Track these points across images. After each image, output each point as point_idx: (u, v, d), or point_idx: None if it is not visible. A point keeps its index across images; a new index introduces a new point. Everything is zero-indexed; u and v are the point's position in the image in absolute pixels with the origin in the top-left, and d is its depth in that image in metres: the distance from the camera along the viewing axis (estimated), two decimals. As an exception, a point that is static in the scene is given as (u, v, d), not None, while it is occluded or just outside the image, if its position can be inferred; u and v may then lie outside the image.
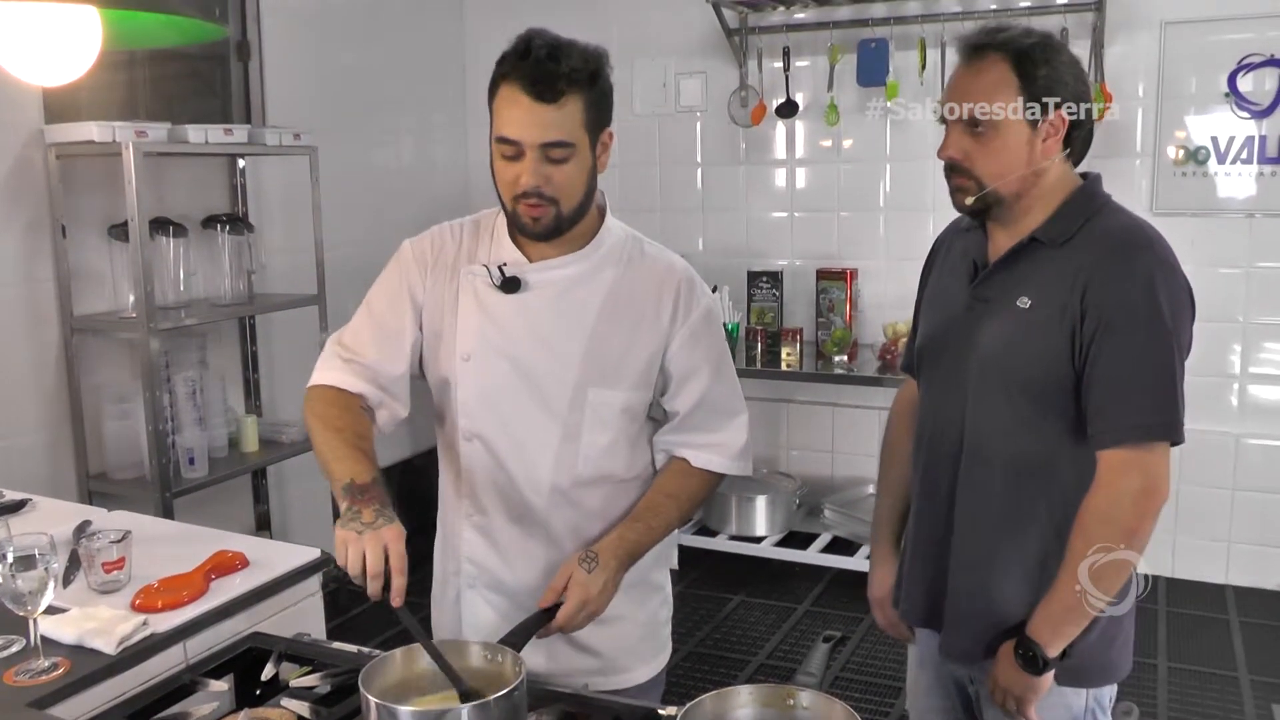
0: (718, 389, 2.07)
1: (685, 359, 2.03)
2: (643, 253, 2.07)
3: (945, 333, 2.09)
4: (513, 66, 1.85)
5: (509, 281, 1.99)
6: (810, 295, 5.13)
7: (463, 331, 2.02)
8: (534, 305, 1.99)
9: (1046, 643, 1.91)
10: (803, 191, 5.35)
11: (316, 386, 2.02)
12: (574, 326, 1.99)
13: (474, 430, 2.04)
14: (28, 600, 1.78)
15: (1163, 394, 1.86)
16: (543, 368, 1.99)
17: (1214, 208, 4.60)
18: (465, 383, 2.02)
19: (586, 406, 2.00)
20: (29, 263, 3.72)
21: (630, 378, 2.01)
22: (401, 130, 5.55)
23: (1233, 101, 4.50)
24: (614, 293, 2.01)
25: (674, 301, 2.03)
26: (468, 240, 2.08)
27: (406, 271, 2.06)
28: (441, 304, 2.04)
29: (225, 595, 2.10)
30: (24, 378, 3.73)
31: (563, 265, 2.00)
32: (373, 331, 2.05)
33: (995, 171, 1.93)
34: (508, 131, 1.86)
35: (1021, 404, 1.94)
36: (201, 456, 4.01)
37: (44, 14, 1.85)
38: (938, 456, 2.07)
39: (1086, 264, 1.88)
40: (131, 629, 1.91)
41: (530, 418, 2.01)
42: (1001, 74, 1.90)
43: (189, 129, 3.83)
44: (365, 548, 1.69)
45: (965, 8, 4.81)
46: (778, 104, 5.19)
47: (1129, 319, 1.85)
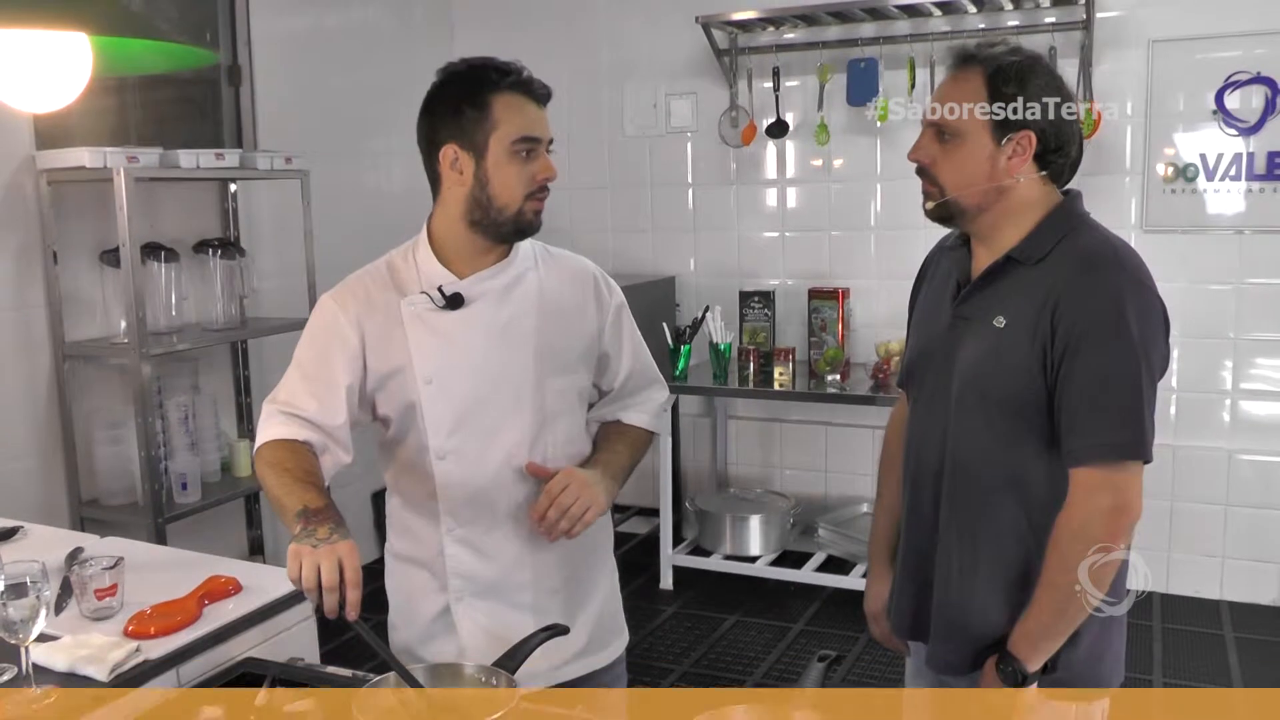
0: (641, 361, 2.29)
1: (613, 340, 2.24)
2: (550, 254, 2.22)
3: (929, 350, 2.10)
4: (506, 79, 2.01)
5: (453, 299, 2.07)
6: (802, 315, 5.14)
7: (419, 358, 2.07)
8: (479, 316, 2.09)
9: (1026, 658, 1.91)
10: (794, 211, 5.36)
11: (264, 444, 2.05)
12: (521, 327, 2.10)
13: (446, 448, 2.09)
14: (19, 628, 1.77)
15: (1131, 413, 1.86)
16: (503, 371, 2.09)
17: (1203, 224, 4.61)
18: (433, 405, 2.08)
19: (548, 396, 2.12)
20: (20, 289, 3.72)
21: (577, 363, 2.17)
22: (392, 153, 5.55)
23: (1220, 119, 4.52)
24: (543, 291, 2.14)
25: (595, 292, 2.22)
26: (394, 280, 2.14)
27: (334, 324, 2.11)
28: (388, 339, 2.09)
29: (218, 621, 2.10)
30: (16, 404, 3.73)
31: (494, 275, 2.10)
32: (307, 386, 2.09)
33: (956, 181, 1.95)
34: (532, 130, 2.02)
35: (999, 421, 1.95)
36: (194, 481, 4.01)
37: (34, 41, 1.85)
38: (922, 471, 2.08)
39: (1058, 282, 1.89)
40: (124, 655, 1.90)
41: (501, 421, 2.09)
42: (974, 85, 1.93)
43: (180, 154, 3.83)
44: (320, 561, 1.71)
45: (953, 27, 4.83)
46: (768, 124, 5.21)
47: (1098, 337, 1.85)
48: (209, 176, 4.11)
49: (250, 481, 4.31)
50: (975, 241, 2.03)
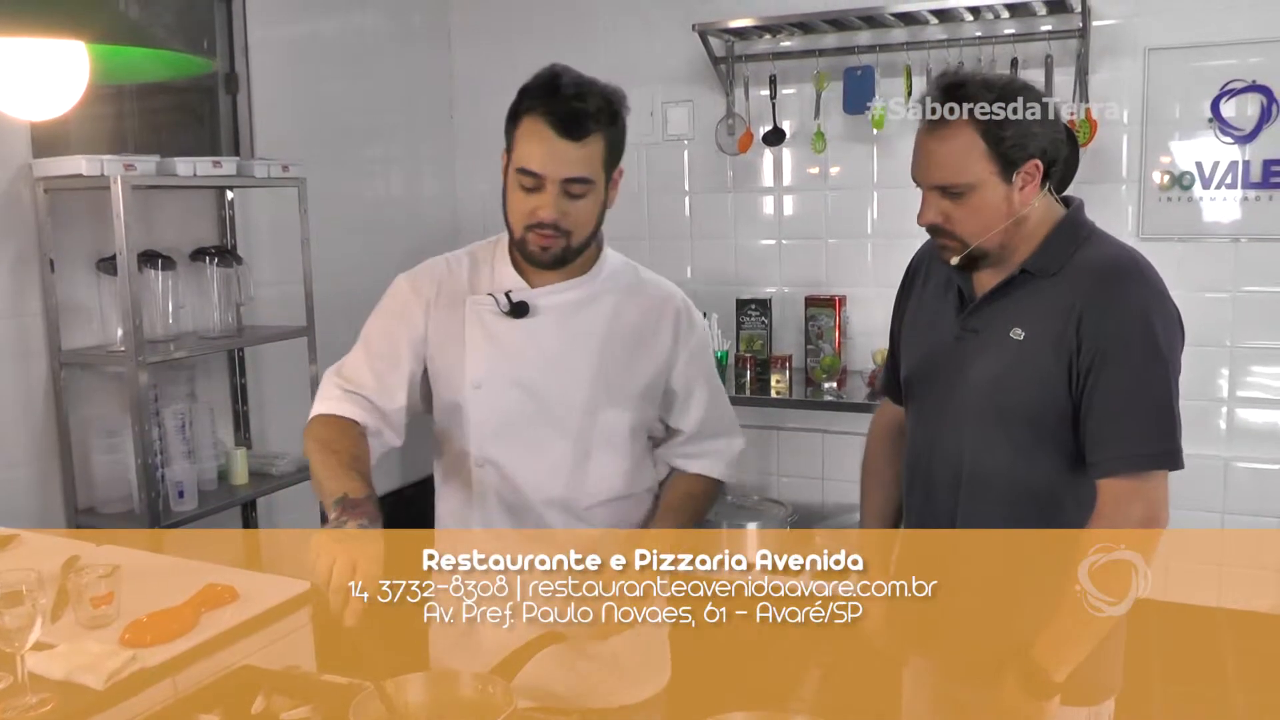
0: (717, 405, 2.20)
1: (688, 380, 2.14)
2: (640, 279, 2.14)
3: (934, 362, 2.09)
4: (540, 101, 1.93)
5: (517, 307, 2.02)
6: (799, 322, 5.13)
7: (472, 361, 2.04)
8: (542, 329, 2.03)
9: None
10: (790, 219, 5.36)
11: (317, 416, 2.04)
12: (582, 349, 2.04)
13: (486, 456, 2.06)
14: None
15: (1161, 422, 1.87)
16: (553, 391, 2.03)
17: (1200, 232, 4.61)
18: (477, 410, 2.05)
19: (597, 427, 2.05)
20: (17, 297, 3.71)
21: (637, 397, 2.08)
22: (390, 161, 5.55)
23: (1216, 127, 4.52)
24: (617, 316, 2.07)
25: (674, 326, 2.12)
26: (466, 272, 2.10)
27: (404, 306, 2.09)
28: (446, 336, 2.06)
29: (215, 629, 2.10)
30: (11, 412, 3.72)
31: (567, 289, 2.05)
32: (370, 365, 2.06)
33: (977, 230, 1.94)
34: (531, 164, 1.92)
35: (1020, 435, 1.95)
36: (191, 489, 3.99)
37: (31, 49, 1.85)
38: (936, 486, 2.07)
39: (1080, 295, 1.89)
40: (120, 664, 1.90)
41: (543, 440, 2.04)
42: (968, 141, 1.90)
43: (178, 162, 3.82)
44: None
45: (950, 35, 4.83)
46: (765, 132, 5.20)
47: (1125, 349, 1.86)
48: (206, 184, 4.10)
49: (247, 489, 4.30)
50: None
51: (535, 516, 2.06)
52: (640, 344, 2.08)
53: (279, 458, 4.39)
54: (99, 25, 1.86)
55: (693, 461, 2.20)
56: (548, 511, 2.05)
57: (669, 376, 2.12)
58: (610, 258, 2.14)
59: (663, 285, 2.18)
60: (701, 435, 2.19)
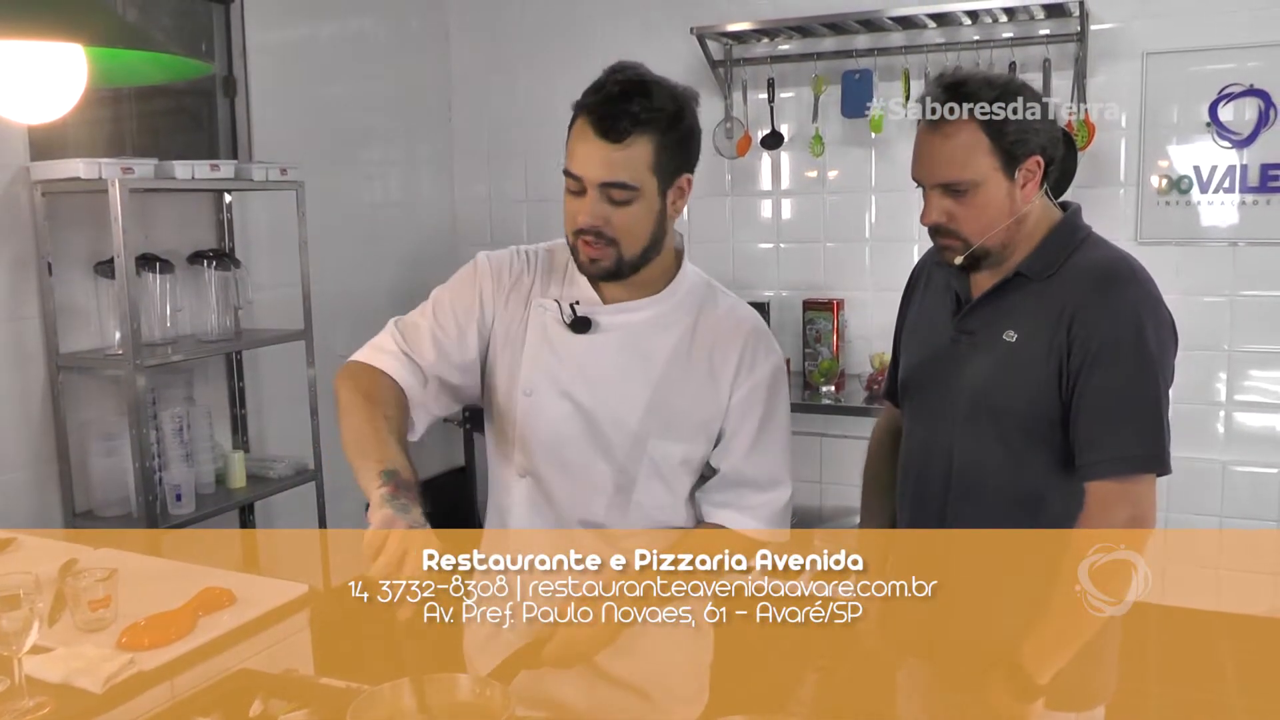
0: (765, 450, 2.00)
1: (740, 415, 1.97)
2: (716, 303, 2.03)
3: (930, 365, 2.10)
4: (588, 99, 1.85)
5: (579, 321, 1.94)
6: (797, 326, 5.13)
7: (527, 366, 1.96)
8: (602, 347, 1.95)
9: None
10: (789, 222, 5.36)
11: (367, 365, 1.94)
12: (641, 374, 1.94)
13: (528, 467, 1.98)
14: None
15: (1150, 426, 1.87)
16: (605, 412, 1.94)
17: (1198, 237, 4.62)
18: (525, 418, 1.96)
19: (645, 457, 1.95)
20: (14, 300, 3.71)
21: (692, 431, 1.96)
22: (388, 165, 5.55)
23: (1214, 131, 4.53)
24: (684, 342, 1.96)
25: (739, 355, 1.97)
26: (542, 271, 2.02)
27: (482, 283, 2.01)
28: (509, 330, 1.99)
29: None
30: (9, 415, 3.72)
31: (636, 309, 1.96)
32: (434, 334, 1.97)
33: (980, 229, 1.94)
34: (573, 166, 1.85)
35: (1010, 437, 1.95)
36: (189, 493, 3.99)
37: (30, 52, 1.85)
38: (926, 488, 2.08)
39: (1072, 298, 1.90)
40: (118, 667, 1.90)
41: (587, 462, 1.95)
42: (971, 137, 1.90)
43: (175, 165, 3.82)
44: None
45: (948, 39, 4.84)
46: (763, 135, 5.20)
47: (1115, 352, 1.86)
48: (204, 188, 4.11)
49: (244, 493, 4.30)
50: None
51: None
52: (704, 375, 1.95)
53: (277, 461, 4.39)
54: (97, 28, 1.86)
55: (718, 511, 1.99)
56: (583, 535, 1.94)
57: (728, 411, 1.97)
58: (689, 274, 2.04)
59: (738, 311, 2.04)
60: (738, 481, 1.99)
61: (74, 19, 1.81)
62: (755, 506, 1.99)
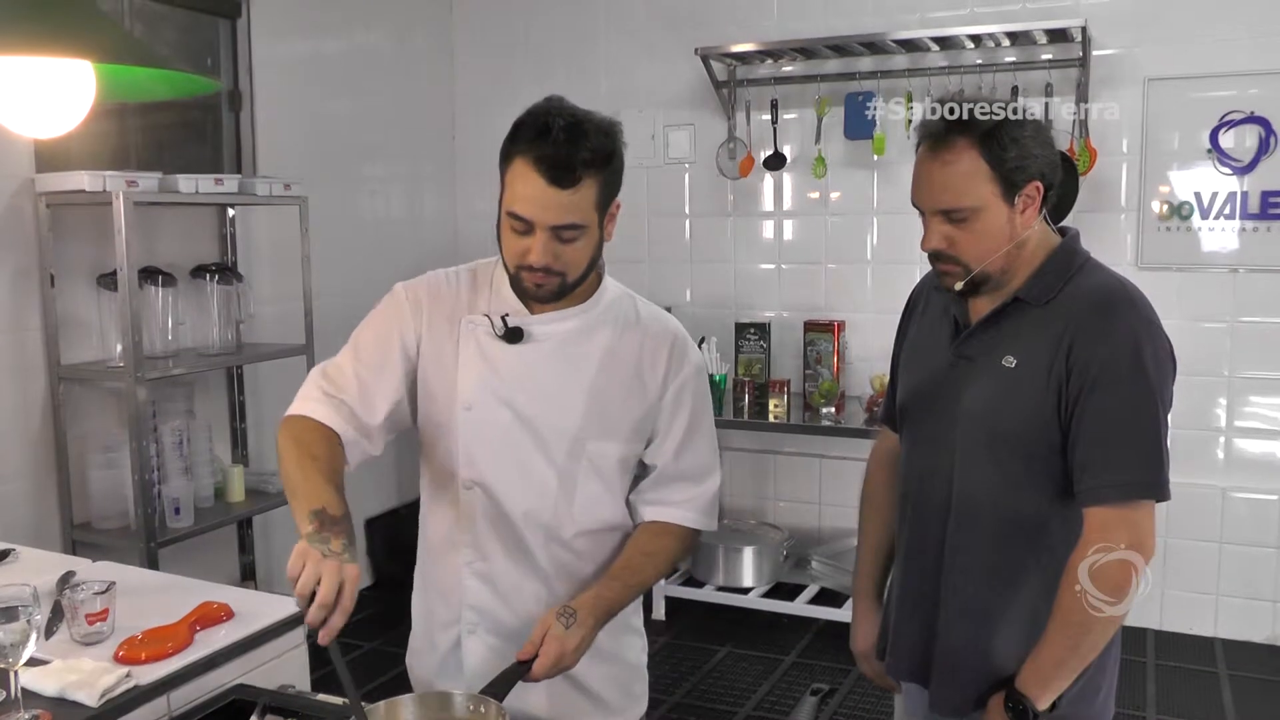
0: (695, 445, 2.09)
1: (670, 413, 2.06)
2: (638, 312, 2.08)
3: (928, 389, 2.09)
4: (529, 145, 1.84)
5: (512, 332, 1.99)
6: (797, 347, 5.15)
7: (464, 381, 2.01)
8: (536, 356, 2.00)
9: (1036, 696, 1.91)
10: (790, 243, 5.38)
11: (296, 415, 2.00)
12: (575, 379, 2.00)
13: (475, 478, 2.02)
14: (9, 652, 1.76)
15: (1149, 452, 1.87)
16: (543, 418, 2.00)
17: (1198, 262, 4.64)
18: (467, 432, 2.01)
19: (584, 457, 2.01)
20: (17, 311, 3.72)
21: (627, 431, 2.03)
22: (391, 180, 5.57)
23: (1215, 158, 4.55)
24: (612, 349, 2.02)
25: (667, 359, 2.05)
26: (465, 290, 2.07)
27: (399, 314, 2.05)
28: (440, 353, 2.03)
29: (210, 647, 2.09)
30: (10, 426, 3.72)
31: (564, 319, 2.01)
32: (357, 371, 2.02)
33: (980, 254, 1.94)
34: (519, 209, 1.86)
35: (1009, 462, 1.95)
36: (187, 506, 4.00)
37: (38, 68, 1.86)
38: (926, 512, 2.07)
39: (1071, 323, 1.90)
40: (114, 681, 1.89)
41: (531, 466, 2.01)
42: (972, 163, 1.90)
43: (180, 179, 3.84)
44: (324, 572, 1.66)
45: (951, 62, 4.86)
46: (766, 156, 5.23)
47: (1114, 378, 1.86)
48: (208, 201, 4.12)
49: (243, 507, 4.30)
50: None
51: (520, 539, 2.02)
52: (634, 378, 2.03)
53: (276, 475, 4.39)
54: (105, 45, 1.86)
55: (658, 509, 2.09)
56: (533, 536, 2.02)
57: (659, 411, 2.05)
58: (609, 288, 2.08)
59: (660, 318, 2.11)
60: (671, 476, 2.08)
61: (82, 36, 1.82)
62: (690, 499, 2.09)
